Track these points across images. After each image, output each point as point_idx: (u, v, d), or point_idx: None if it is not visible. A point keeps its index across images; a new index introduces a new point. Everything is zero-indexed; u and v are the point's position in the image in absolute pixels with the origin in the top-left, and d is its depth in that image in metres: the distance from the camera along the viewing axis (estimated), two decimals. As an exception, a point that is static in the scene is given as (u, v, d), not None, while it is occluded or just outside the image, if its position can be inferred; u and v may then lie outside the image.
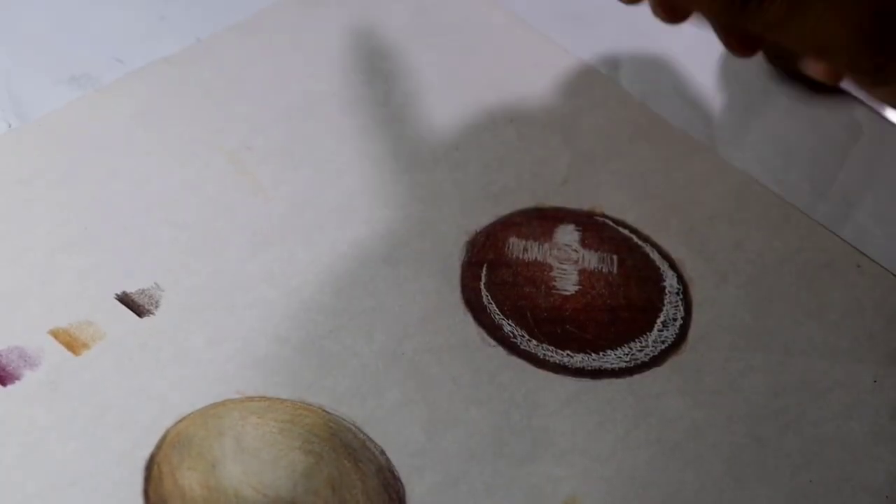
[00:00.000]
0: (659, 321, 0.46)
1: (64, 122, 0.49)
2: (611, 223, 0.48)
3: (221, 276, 0.45)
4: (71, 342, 0.43)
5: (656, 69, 0.54)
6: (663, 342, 0.45)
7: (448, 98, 0.50)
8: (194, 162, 0.48)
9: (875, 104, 0.52)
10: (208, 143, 0.48)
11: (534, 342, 0.45)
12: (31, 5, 0.52)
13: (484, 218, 0.48)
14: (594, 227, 0.48)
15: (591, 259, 0.47)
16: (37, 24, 0.52)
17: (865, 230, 0.49)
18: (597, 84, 0.53)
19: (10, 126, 0.48)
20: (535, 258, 0.47)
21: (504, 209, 0.48)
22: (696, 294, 0.46)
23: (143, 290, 0.44)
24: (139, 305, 0.44)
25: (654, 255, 0.47)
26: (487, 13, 0.53)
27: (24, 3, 0.52)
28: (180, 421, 0.42)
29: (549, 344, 0.45)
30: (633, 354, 0.45)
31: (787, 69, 0.52)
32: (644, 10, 0.45)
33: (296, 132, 0.49)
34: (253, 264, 0.45)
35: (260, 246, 0.46)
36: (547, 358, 0.44)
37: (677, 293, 0.46)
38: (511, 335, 0.45)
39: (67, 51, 0.51)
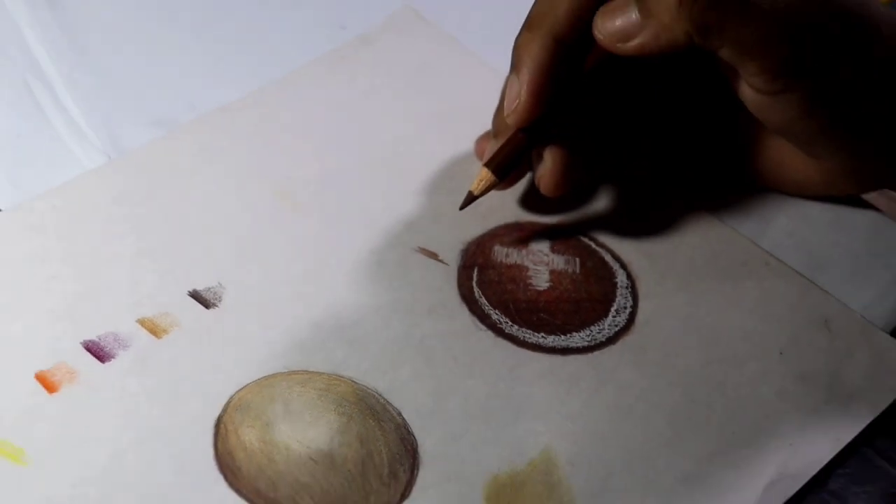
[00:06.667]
0: (613, 309, 0.46)
1: (147, 157, 0.49)
2: (570, 232, 0.48)
3: (270, 277, 0.46)
4: (154, 328, 0.43)
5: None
6: (616, 326, 0.45)
7: (447, 140, 0.50)
8: (247, 189, 0.48)
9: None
10: (258, 175, 0.49)
11: (515, 327, 0.45)
12: (126, 62, 0.53)
13: (474, 231, 0.48)
14: (559, 234, 0.48)
15: (558, 261, 0.47)
16: (130, 77, 0.52)
17: (775, 240, 0.49)
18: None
19: (108, 157, 0.49)
20: (515, 261, 0.47)
21: (490, 224, 0.48)
22: (641, 288, 0.47)
23: (210, 288, 0.45)
24: (206, 300, 0.44)
25: (608, 258, 0.47)
26: (477, 73, 0.53)
27: (120, 59, 0.53)
28: (240, 390, 0.42)
29: (528, 328, 0.45)
30: (593, 336, 0.45)
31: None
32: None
33: (327, 166, 0.49)
34: (295, 268, 0.46)
35: (300, 254, 0.46)
36: (526, 339, 0.45)
37: (627, 287, 0.47)
38: (497, 322, 0.45)
39: (152, 98, 0.52)
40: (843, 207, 0.50)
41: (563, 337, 0.45)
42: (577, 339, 0.45)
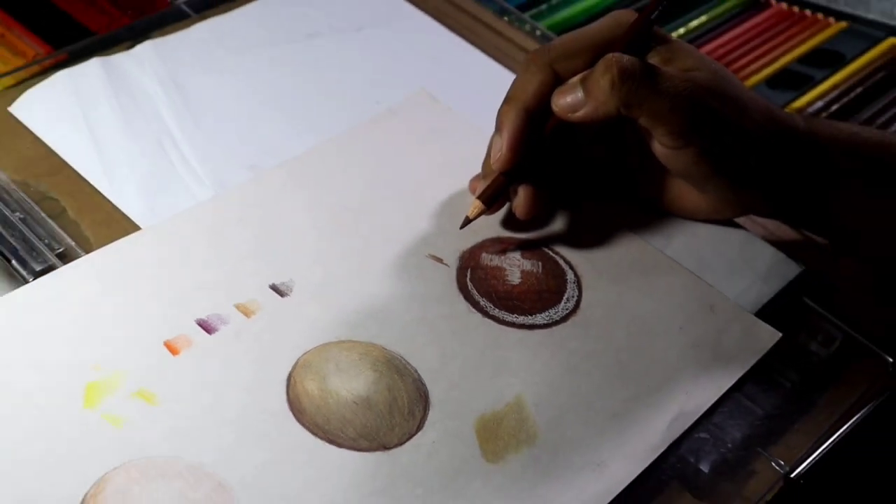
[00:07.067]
0: (564, 298, 0.46)
1: (242, 192, 0.49)
2: (536, 244, 0.48)
3: (327, 275, 0.45)
4: (245, 310, 0.44)
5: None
6: (567, 309, 0.45)
7: (449, 181, 0.50)
8: (312, 213, 0.48)
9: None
10: (319, 203, 0.48)
11: (496, 311, 0.45)
12: (228, 126, 0.52)
13: (468, 243, 0.48)
14: (527, 246, 0.48)
15: (527, 264, 0.47)
16: (231, 137, 0.52)
17: (676, 250, 0.48)
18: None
19: (215, 192, 0.49)
20: (497, 264, 0.47)
21: (479, 238, 0.48)
22: (584, 283, 0.47)
23: (284, 283, 0.45)
24: (282, 291, 0.44)
25: (561, 261, 0.47)
26: (469, 134, 0.52)
27: (224, 125, 0.52)
28: (305, 354, 0.42)
29: (505, 311, 0.45)
30: (550, 316, 0.45)
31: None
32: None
33: (367, 197, 0.49)
34: (344, 268, 0.46)
35: (347, 259, 0.46)
36: (504, 319, 0.45)
37: (574, 282, 0.47)
38: (484, 307, 0.45)
39: (245, 151, 0.51)
40: (722, 227, 0.49)
41: (529, 317, 0.45)
42: (540, 318, 0.45)
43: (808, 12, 0.70)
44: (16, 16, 0.61)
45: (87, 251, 0.45)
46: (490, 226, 0.48)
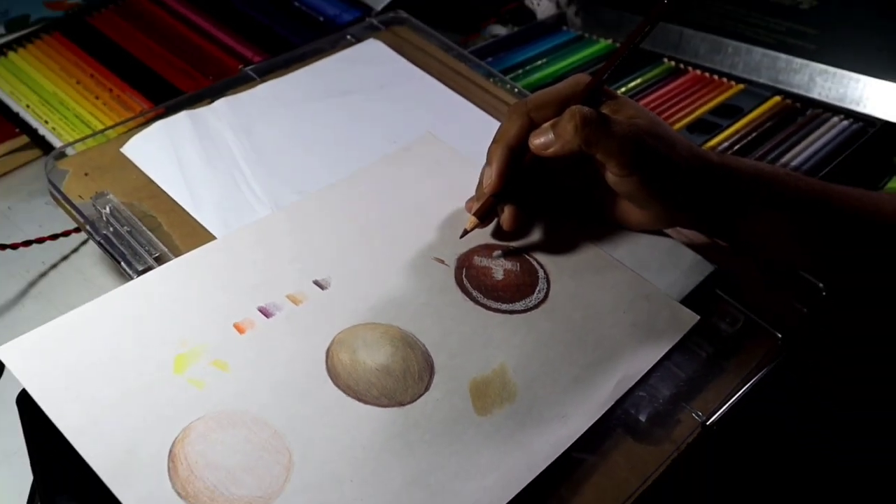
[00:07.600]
0: (536, 290, 0.45)
1: (292, 210, 0.48)
2: (515, 250, 0.47)
3: (357, 273, 0.45)
4: (294, 300, 0.43)
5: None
6: (539, 299, 0.45)
7: (451, 202, 0.49)
8: (344, 226, 0.47)
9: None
10: (349, 218, 0.48)
11: (485, 300, 0.44)
12: (283, 163, 0.52)
13: (464, 248, 0.47)
14: (509, 251, 0.47)
15: (507, 264, 0.46)
16: (285, 170, 0.51)
17: (621, 254, 0.47)
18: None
19: (272, 210, 0.48)
20: (485, 265, 0.46)
21: (473, 244, 0.47)
22: (552, 278, 0.46)
23: (324, 278, 0.44)
24: (322, 285, 0.44)
25: (534, 262, 0.47)
26: (466, 167, 0.51)
27: (280, 161, 0.52)
28: (339, 333, 0.41)
29: (492, 300, 0.44)
30: (526, 304, 0.44)
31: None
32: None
33: (386, 214, 0.48)
34: (369, 268, 0.45)
35: (371, 261, 0.45)
36: (490, 306, 0.44)
37: (544, 279, 0.46)
38: (476, 297, 0.44)
39: (295, 180, 0.50)
40: (656, 237, 0.48)
41: (510, 304, 0.44)
42: (518, 306, 0.44)
43: (716, 77, 0.72)
44: (127, 80, 0.65)
45: (177, 255, 0.45)
46: (482, 236, 0.48)
